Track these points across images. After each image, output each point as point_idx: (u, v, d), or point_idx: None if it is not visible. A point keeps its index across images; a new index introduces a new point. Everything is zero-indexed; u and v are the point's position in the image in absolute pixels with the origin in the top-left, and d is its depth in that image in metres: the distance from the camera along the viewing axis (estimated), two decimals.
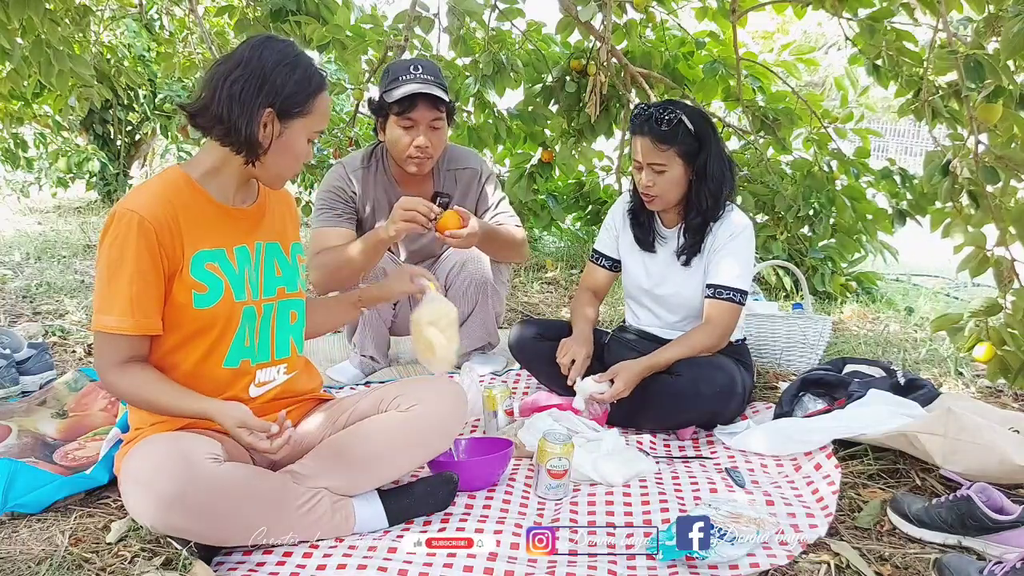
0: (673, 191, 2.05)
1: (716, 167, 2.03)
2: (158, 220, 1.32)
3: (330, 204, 2.29)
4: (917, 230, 3.48)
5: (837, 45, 10.24)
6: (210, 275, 1.39)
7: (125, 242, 1.31)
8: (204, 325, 1.39)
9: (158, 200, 1.34)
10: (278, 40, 1.39)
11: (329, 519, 1.41)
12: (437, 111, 2.17)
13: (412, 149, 2.18)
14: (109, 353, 1.35)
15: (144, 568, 1.32)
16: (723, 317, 2.04)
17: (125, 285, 1.31)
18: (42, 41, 2.72)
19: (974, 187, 2.29)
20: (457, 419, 1.59)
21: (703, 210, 2.06)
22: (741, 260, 2.06)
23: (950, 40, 2.43)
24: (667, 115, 1.97)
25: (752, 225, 2.12)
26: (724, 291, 2.04)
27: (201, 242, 1.38)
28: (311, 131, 1.42)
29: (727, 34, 3.84)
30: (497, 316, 2.48)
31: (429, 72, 2.18)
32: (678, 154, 1.99)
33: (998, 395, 2.48)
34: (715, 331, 2.04)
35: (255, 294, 1.45)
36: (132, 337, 1.34)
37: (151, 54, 6.31)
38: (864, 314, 3.60)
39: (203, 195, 1.41)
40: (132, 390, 1.36)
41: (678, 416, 2.02)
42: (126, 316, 1.31)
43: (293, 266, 1.56)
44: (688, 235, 2.12)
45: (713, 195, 2.04)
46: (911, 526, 1.53)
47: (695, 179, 2.04)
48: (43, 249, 4.40)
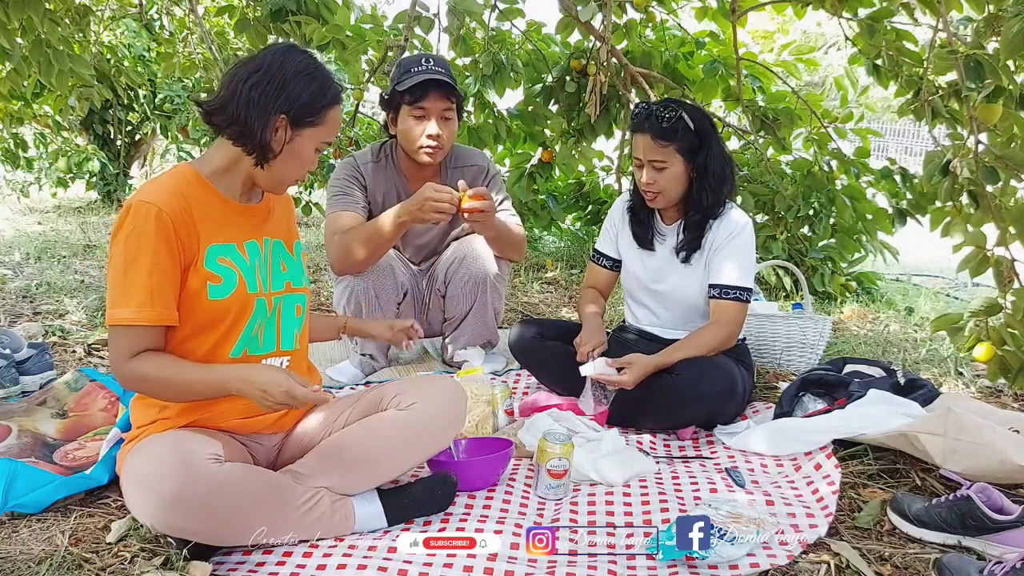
0: (674, 188, 2.05)
1: (716, 164, 2.03)
2: (175, 212, 1.34)
3: (344, 190, 2.35)
4: (917, 230, 3.48)
5: (837, 45, 10.25)
6: (224, 267, 1.41)
7: (143, 234, 1.32)
8: (216, 316, 1.41)
9: (172, 193, 1.37)
10: (300, 51, 1.42)
11: (329, 518, 1.41)
12: (448, 101, 2.22)
13: (424, 139, 2.23)
14: (126, 347, 1.34)
15: (144, 568, 1.32)
16: (730, 317, 2.05)
17: (144, 276, 1.32)
18: (42, 41, 2.72)
19: (974, 187, 2.29)
20: (457, 418, 1.60)
21: (703, 207, 2.07)
22: (743, 258, 2.06)
23: (950, 40, 2.42)
24: (668, 112, 1.98)
25: (752, 223, 2.13)
26: (730, 291, 2.05)
27: (214, 236, 1.41)
28: (320, 141, 1.45)
29: (727, 34, 3.84)
30: (496, 314, 2.49)
31: (440, 65, 2.24)
32: (679, 151, 2.00)
33: (998, 395, 2.49)
34: (723, 330, 2.04)
35: (266, 287, 1.48)
36: (150, 328, 1.35)
37: (151, 54, 6.31)
38: (864, 314, 3.60)
39: (213, 191, 1.44)
40: (156, 373, 1.34)
41: (678, 416, 2.02)
42: (145, 307, 1.32)
43: (297, 263, 1.59)
44: (688, 232, 2.12)
45: (714, 192, 2.05)
46: (911, 526, 1.53)
47: (696, 176, 2.04)
48: (43, 249, 4.40)
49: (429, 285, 2.49)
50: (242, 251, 1.46)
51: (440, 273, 2.43)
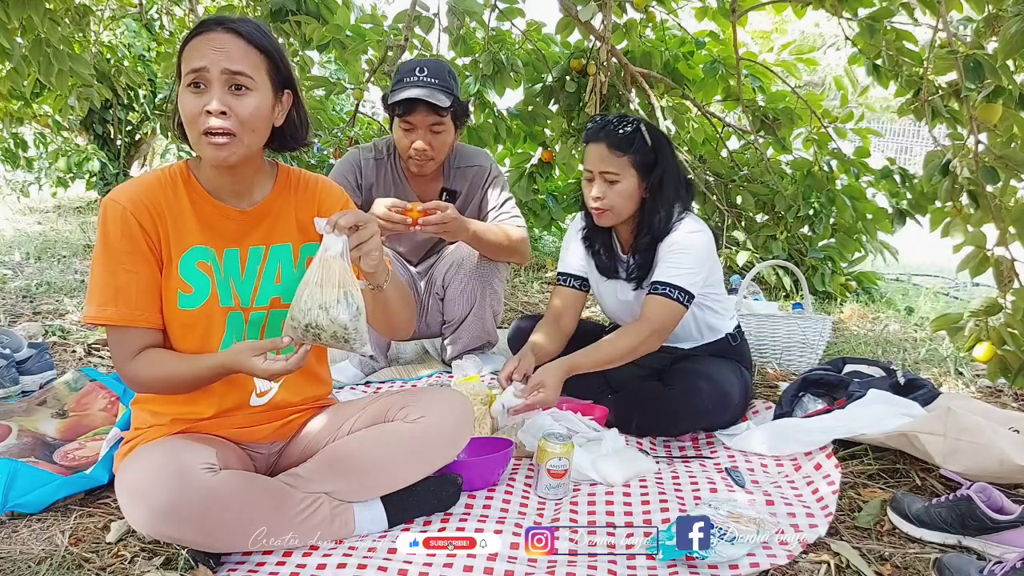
0: (625, 205, 1.94)
1: (671, 186, 1.93)
2: (143, 212, 1.32)
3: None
4: (917, 230, 3.49)
5: (837, 45, 10.24)
6: (200, 276, 1.37)
7: (110, 233, 1.31)
8: (186, 326, 1.38)
9: (144, 191, 1.34)
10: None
11: (328, 525, 1.39)
12: (437, 116, 2.19)
13: (411, 151, 2.24)
14: (118, 348, 1.34)
15: (144, 568, 1.32)
16: (656, 313, 1.90)
17: (108, 275, 1.31)
18: (42, 40, 2.72)
19: (974, 187, 2.29)
20: (463, 434, 1.55)
21: (653, 229, 1.94)
22: (682, 259, 1.92)
23: (950, 40, 2.42)
24: (624, 123, 1.91)
25: (706, 231, 1.97)
26: (660, 287, 1.91)
27: (192, 239, 1.37)
28: (187, 83, 1.29)
29: (727, 34, 3.84)
30: (495, 315, 2.49)
31: (435, 75, 2.19)
32: (632, 164, 1.90)
33: (998, 395, 2.49)
34: (646, 328, 1.89)
35: (244, 301, 1.41)
36: (132, 329, 1.33)
37: (151, 54, 6.32)
38: (864, 314, 3.60)
39: (199, 192, 1.39)
40: (149, 372, 1.33)
41: (671, 428, 2.01)
42: (107, 306, 1.31)
43: (299, 273, 1.45)
44: (638, 256, 2.00)
45: (665, 216, 1.93)
46: (911, 526, 1.53)
47: (648, 196, 1.94)
48: (43, 249, 4.40)
49: (428, 287, 2.49)
50: (219, 259, 1.39)
51: (438, 276, 2.43)
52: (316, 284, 1.27)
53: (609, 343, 1.91)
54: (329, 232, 1.27)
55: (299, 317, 1.28)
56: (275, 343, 1.28)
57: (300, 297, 1.28)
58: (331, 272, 1.27)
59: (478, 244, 2.30)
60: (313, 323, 1.27)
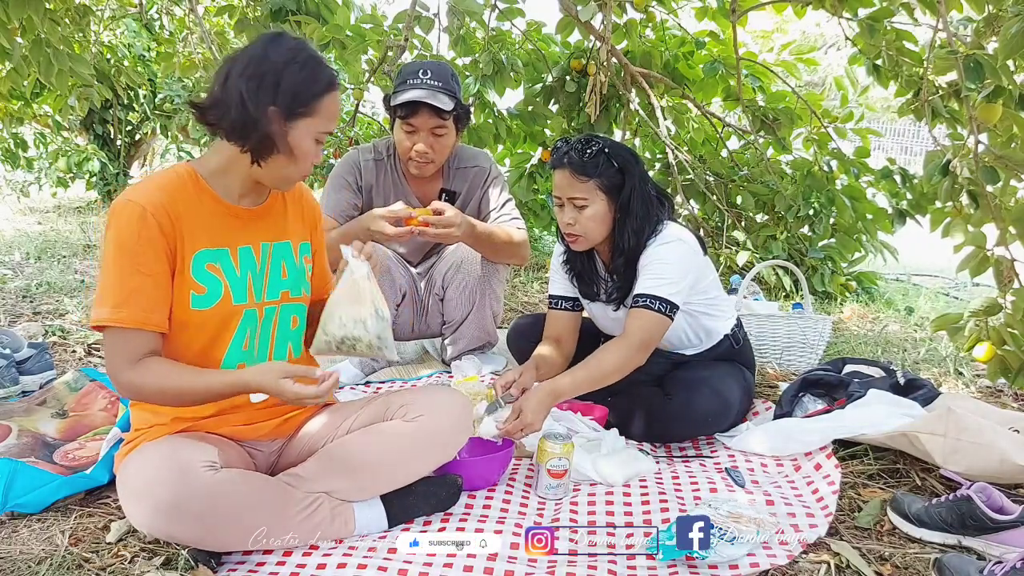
0: (596, 229, 1.89)
1: (639, 204, 1.87)
2: (161, 212, 1.30)
3: (333, 189, 2.36)
4: (917, 230, 3.49)
5: (837, 45, 10.24)
6: (210, 276, 1.37)
7: (127, 234, 1.28)
8: (196, 325, 1.37)
9: (162, 193, 1.32)
10: (290, 38, 1.35)
11: (328, 524, 1.40)
12: (439, 119, 2.19)
13: (412, 153, 2.24)
14: (117, 352, 1.30)
15: (144, 568, 1.32)
16: (638, 328, 1.84)
17: (124, 277, 1.29)
18: (42, 41, 2.72)
19: (974, 187, 2.29)
20: (462, 433, 1.56)
21: (626, 250, 1.90)
22: (664, 271, 1.86)
23: (950, 40, 2.42)
24: (588, 147, 1.86)
25: (685, 240, 1.91)
26: (642, 299, 1.85)
27: (204, 241, 1.36)
28: (318, 132, 1.36)
29: (727, 34, 3.84)
30: (495, 316, 2.49)
31: (438, 77, 2.19)
32: (599, 187, 1.85)
33: (998, 395, 2.48)
34: (629, 343, 1.84)
35: (258, 296, 1.43)
36: (140, 333, 1.30)
37: (151, 54, 6.32)
38: (864, 314, 3.60)
39: (208, 193, 1.39)
40: (155, 382, 1.31)
41: (670, 435, 2.01)
42: (121, 308, 1.28)
43: (300, 268, 1.52)
44: (616, 278, 1.97)
45: (636, 234, 1.88)
46: (911, 526, 1.53)
47: (619, 216, 1.89)
48: (43, 249, 4.40)
49: (428, 288, 2.49)
50: (234, 257, 1.40)
51: (438, 277, 2.43)
52: (349, 303, 1.45)
53: (596, 362, 1.85)
54: (357, 258, 1.47)
55: (335, 332, 1.45)
56: (308, 371, 1.32)
57: (332, 315, 1.45)
58: (362, 292, 1.45)
59: (480, 246, 2.30)
60: (350, 336, 1.45)
